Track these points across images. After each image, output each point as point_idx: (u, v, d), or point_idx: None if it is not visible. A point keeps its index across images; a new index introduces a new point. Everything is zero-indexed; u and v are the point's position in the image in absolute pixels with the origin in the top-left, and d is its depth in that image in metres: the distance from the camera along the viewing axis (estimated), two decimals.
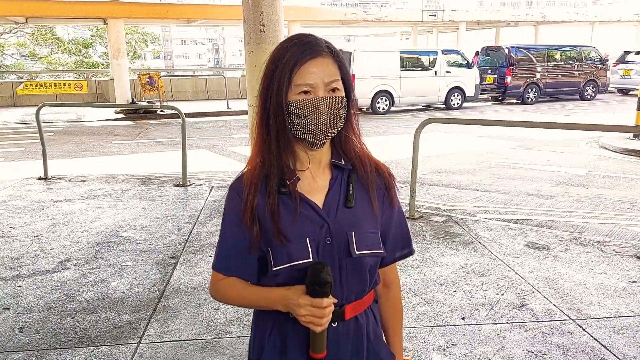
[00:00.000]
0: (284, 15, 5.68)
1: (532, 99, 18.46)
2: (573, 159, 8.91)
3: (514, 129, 11.18)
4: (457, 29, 24.94)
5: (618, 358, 2.88)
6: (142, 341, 3.10)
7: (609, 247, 4.54)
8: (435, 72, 16.59)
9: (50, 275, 4.07)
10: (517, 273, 4.01)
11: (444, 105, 16.98)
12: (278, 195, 1.23)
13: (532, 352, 2.93)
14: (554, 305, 3.49)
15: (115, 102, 18.38)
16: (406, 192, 5.59)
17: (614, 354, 2.91)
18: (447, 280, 3.88)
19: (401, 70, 16.04)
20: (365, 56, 15.42)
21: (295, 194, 1.23)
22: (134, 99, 18.21)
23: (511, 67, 18.08)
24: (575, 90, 19.30)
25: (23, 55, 33.40)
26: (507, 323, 3.26)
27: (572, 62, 19.03)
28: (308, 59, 1.20)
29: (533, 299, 3.58)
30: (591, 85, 19.40)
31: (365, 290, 1.31)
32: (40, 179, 7.35)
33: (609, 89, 20.56)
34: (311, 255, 1.21)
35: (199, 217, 5.53)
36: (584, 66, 19.22)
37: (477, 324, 3.24)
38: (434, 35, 28.50)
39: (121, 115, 15.94)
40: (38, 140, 7.49)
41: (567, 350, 2.96)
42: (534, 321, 3.28)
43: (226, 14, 19.32)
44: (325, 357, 1.23)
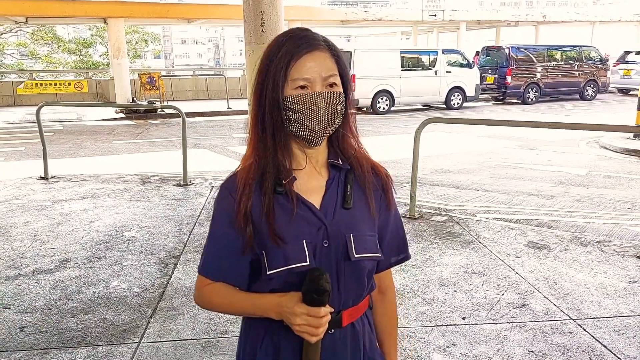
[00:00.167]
0: (285, 14, 5.68)
1: (532, 99, 18.46)
2: (573, 159, 8.91)
3: (515, 128, 11.18)
4: (458, 28, 24.94)
5: (618, 358, 2.88)
6: (142, 341, 3.10)
7: (609, 247, 4.54)
8: (436, 72, 16.59)
9: (51, 274, 4.07)
10: (517, 273, 4.01)
11: (444, 105, 16.98)
12: (274, 195, 1.17)
13: (533, 352, 2.93)
14: (554, 305, 3.49)
15: (115, 102, 18.39)
16: (406, 192, 5.59)
17: (614, 354, 2.91)
18: (448, 280, 3.88)
19: (401, 70, 16.04)
20: (366, 56, 15.42)
21: (292, 194, 1.17)
22: (135, 98, 18.20)
23: (511, 67, 18.08)
24: (575, 90, 19.30)
25: (23, 55, 33.42)
26: (508, 323, 3.26)
27: (573, 62, 19.04)
28: (304, 53, 1.15)
29: (533, 298, 3.59)
30: (591, 85, 19.41)
31: (362, 296, 1.26)
32: (41, 178, 7.35)
33: (609, 88, 20.56)
34: (308, 259, 1.15)
35: (199, 216, 5.54)
36: (585, 66, 19.22)
37: (477, 324, 3.24)
38: (434, 35, 28.50)
39: (121, 115, 15.94)
40: (38, 140, 7.50)
41: (568, 350, 2.96)
42: (534, 321, 3.28)
43: (226, 13, 19.32)
44: None
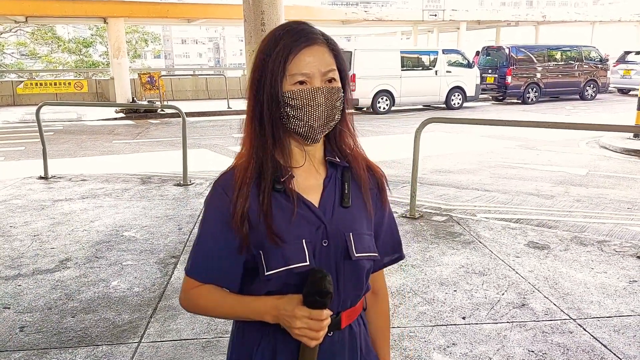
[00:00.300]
0: (285, 14, 5.68)
1: (532, 99, 18.46)
2: (573, 159, 8.91)
3: (515, 128, 11.18)
4: (458, 28, 24.94)
5: (618, 357, 2.88)
6: (142, 340, 3.10)
7: (609, 247, 4.55)
8: (436, 71, 16.59)
9: (51, 274, 4.07)
10: (517, 272, 4.01)
11: (444, 105, 16.98)
12: (271, 193, 1.14)
13: (533, 352, 2.93)
14: (554, 304, 3.49)
15: (115, 102, 18.38)
16: (407, 192, 5.59)
17: (614, 354, 2.91)
18: (448, 280, 3.88)
19: (402, 70, 16.04)
20: (366, 56, 15.42)
21: (292, 193, 1.14)
22: (135, 98, 18.20)
23: (512, 67, 18.08)
24: (575, 90, 19.31)
25: (23, 55, 33.40)
26: (508, 322, 3.26)
27: (573, 62, 19.04)
28: (303, 47, 1.11)
29: (533, 298, 3.59)
30: (591, 85, 19.41)
31: (360, 296, 1.24)
32: (41, 178, 7.35)
33: (609, 88, 20.57)
34: (308, 259, 1.12)
35: (199, 216, 5.53)
36: (585, 66, 19.23)
37: (477, 324, 3.24)
38: (434, 35, 28.49)
39: (121, 115, 15.94)
40: (38, 140, 7.50)
41: (568, 349, 2.96)
42: (534, 320, 3.28)
43: (227, 13, 19.32)
44: None
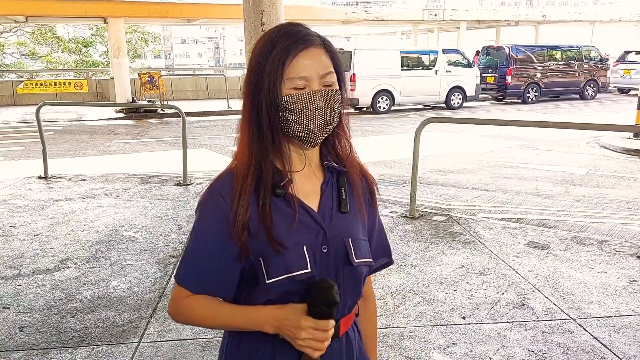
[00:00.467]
0: (285, 14, 5.67)
1: (532, 99, 18.45)
2: (573, 159, 8.91)
3: (515, 128, 11.18)
4: (458, 28, 24.94)
5: (618, 357, 2.88)
6: (142, 340, 3.09)
7: (609, 247, 4.54)
8: (436, 71, 16.59)
9: (51, 274, 4.07)
10: (517, 272, 4.01)
11: (444, 105, 16.98)
12: (271, 198, 1.11)
13: (533, 352, 2.93)
14: (554, 304, 3.49)
15: (115, 102, 18.37)
16: (407, 192, 5.59)
17: (614, 353, 2.91)
18: (448, 280, 3.88)
19: (402, 70, 16.04)
20: (366, 55, 15.42)
21: (293, 199, 1.12)
22: (135, 98, 18.20)
23: (512, 67, 18.08)
24: (575, 90, 19.30)
25: (23, 54, 33.40)
26: (508, 322, 3.26)
27: (573, 62, 19.04)
28: (301, 49, 1.09)
29: (533, 298, 3.58)
30: (591, 85, 19.41)
31: (355, 302, 1.22)
32: (41, 178, 7.34)
33: (609, 88, 20.56)
34: (309, 266, 1.10)
35: None
36: (585, 66, 19.23)
37: (477, 323, 3.24)
38: (434, 35, 28.49)
39: (121, 115, 15.94)
40: (38, 140, 7.49)
41: (568, 349, 2.96)
42: (534, 320, 3.28)
43: (227, 13, 19.31)
44: None
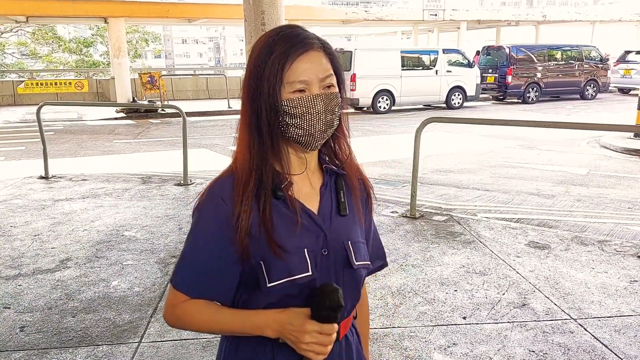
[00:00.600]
0: (285, 14, 5.67)
1: (532, 99, 18.45)
2: (574, 159, 8.91)
3: (515, 128, 11.18)
4: (458, 28, 24.92)
5: (619, 357, 2.87)
6: (143, 340, 3.09)
7: (610, 247, 4.54)
8: (436, 71, 16.59)
9: (51, 274, 4.07)
10: (518, 272, 4.01)
11: (444, 105, 16.98)
12: (272, 201, 1.11)
13: (533, 352, 2.93)
14: (555, 304, 3.49)
15: (116, 101, 18.38)
16: (407, 191, 5.59)
17: (615, 353, 2.91)
18: (448, 280, 3.88)
19: (402, 70, 16.05)
20: (366, 55, 15.42)
21: (294, 202, 1.11)
22: (135, 98, 18.20)
23: (512, 67, 18.08)
24: (576, 90, 19.30)
25: (24, 54, 33.45)
26: (508, 322, 3.26)
27: (573, 62, 19.04)
28: (300, 53, 1.08)
29: (534, 298, 3.58)
30: (592, 85, 19.40)
31: (354, 305, 1.22)
32: (41, 178, 7.34)
33: (609, 88, 20.55)
34: (310, 269, 1.09)
35: None
36: (585, 66, 19.22)
37: (478, 324, 3.24)
38: (434, 35, 28.48)
39: (122, 115, 15.95)
40: (39, 139, 7.50)
41: (568, 349, 2.96)
42: (535, 320, 3.28)
43: (227, 13, 19.31)
44: None
